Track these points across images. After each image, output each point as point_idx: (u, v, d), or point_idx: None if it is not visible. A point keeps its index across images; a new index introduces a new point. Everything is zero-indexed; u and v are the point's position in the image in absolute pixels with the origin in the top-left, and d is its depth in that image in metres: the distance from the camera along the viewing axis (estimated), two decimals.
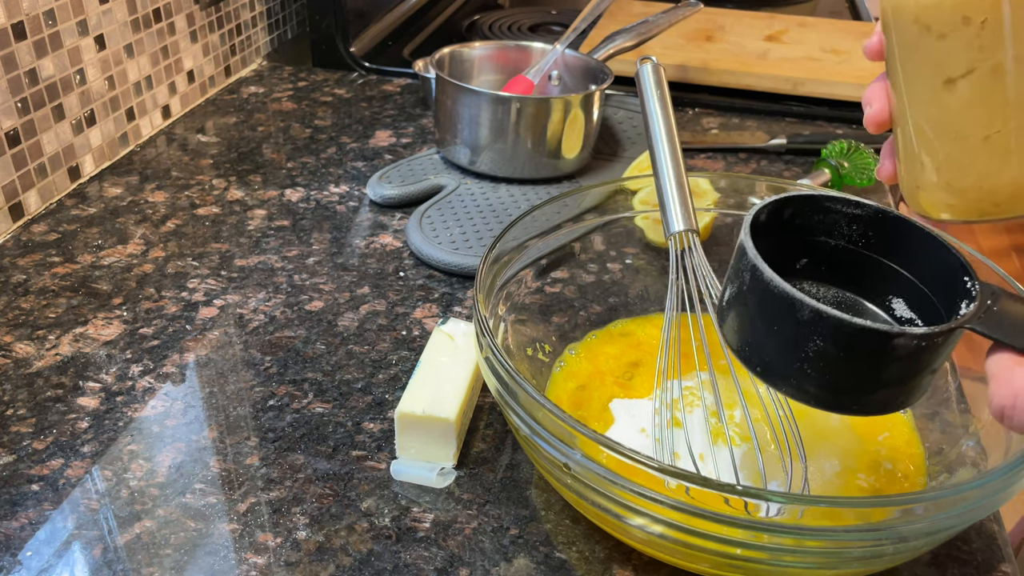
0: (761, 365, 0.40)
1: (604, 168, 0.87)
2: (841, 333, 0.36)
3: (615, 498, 0.41)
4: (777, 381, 0.40)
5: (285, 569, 0.48)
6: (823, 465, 0.51)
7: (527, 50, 0.93)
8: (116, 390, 0.59)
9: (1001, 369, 0.34)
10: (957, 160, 0.39)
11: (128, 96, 0.89)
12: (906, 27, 0.38)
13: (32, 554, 0.48)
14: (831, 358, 0.37)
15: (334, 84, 1.06)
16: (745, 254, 0.39)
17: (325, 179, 0.86)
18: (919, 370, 0.38)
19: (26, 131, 0.76)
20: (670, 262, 0.52)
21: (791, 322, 0.37)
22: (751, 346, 0.40)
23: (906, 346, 0.36)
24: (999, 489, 0.40)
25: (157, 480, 0.53)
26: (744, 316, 0.40)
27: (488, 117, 0.81)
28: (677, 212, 0.53)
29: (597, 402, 0.56)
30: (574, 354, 0.60)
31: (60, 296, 0.68)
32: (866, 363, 0.37)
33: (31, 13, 0.74)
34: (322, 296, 0.69)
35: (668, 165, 0.54)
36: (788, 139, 0.92)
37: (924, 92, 0.39)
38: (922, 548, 0.42)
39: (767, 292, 0.38)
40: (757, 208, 0.41)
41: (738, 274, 0.40)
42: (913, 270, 0.42)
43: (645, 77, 0.58)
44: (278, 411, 0.58)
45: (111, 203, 0.80)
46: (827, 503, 0.41)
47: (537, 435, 0.43)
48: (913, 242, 0.42)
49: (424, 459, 0.53)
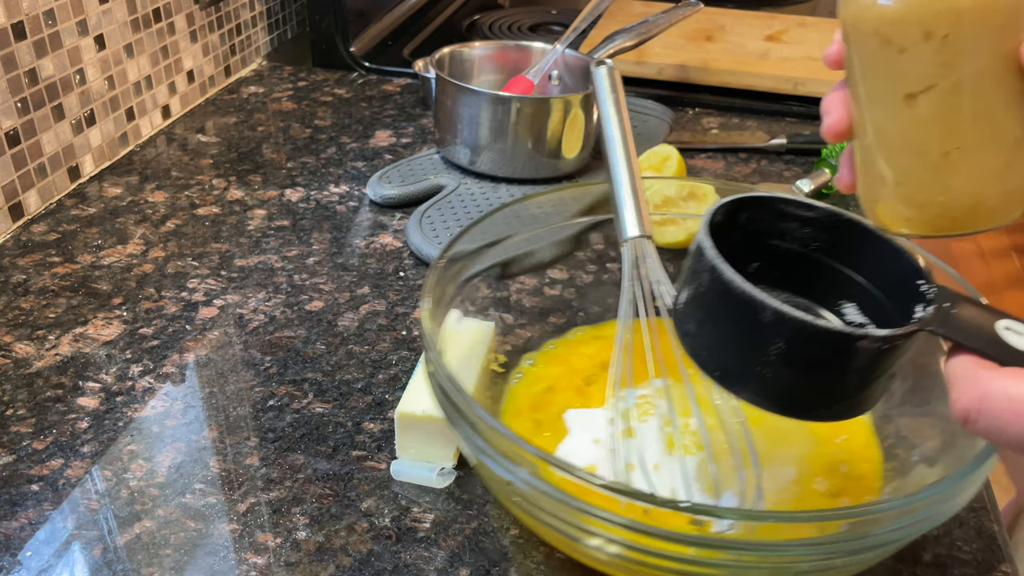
0: (720, 370, 0.39)
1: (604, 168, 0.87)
2: (804, 335, 0.35)
3: (563, 517, 0.40)
4: (736, 386, 0.39)
5: (285, 569, 0.48)
6: (779, 471, 0.50)
7: (527, 50, 0.93)
8: (116, 390, 0.59)
9: (963, 372, 0.33)
10: (916, 175, 0.38)
11: (128, 96, 0.89)
12: (866, 40, 0.37)
13: (32, 554, 0.48)
14: (792, 361, 0.36)
15: (334, 84, 1.06)
16: (703, 254, 0.38)
17: (325, 179, 0.86)
18: (879, 373, 0.37)
19: (26, 131, 0.76)
20: (623, 269, 0.51)
21: (752, 324, 0.36)
22: (709, 350, 0.39)
23: (868, 349, 0.35)
24: (945, 499, 0.39)
25: (157, 480, 0.53)
26: (702, 319, 0.39)
27: (488, 117, 0.81)
28: (631, 218, 0.51)
29: (557, 408, 0.55)
30: (531, 364, 0.60)
31: (60, 296, 0.68)
32: (828, 366, 0.36)
33: (31, 13, 0.74)
34: (322, 296, 0.69)
35: (623, 170, 0.53)
36: (788, 139, 0.92)
37: (884, 106, 0.38)
38: (873, 560, 0.42)
39: (727, 293, 0.37)
40: (713, 208, 0.40)
41: (695, 275, 0.39)
42: (866, 274, 0.41)
43: (600, 81, 0.57)
44: (278, 411, 0.58)
45: (111, 203, 0.80)
46: (774, 519, 0.40)
47: (483, 453, 0.42)
48: (867, 246, 0.41)
49: (424, 459, 0.53)
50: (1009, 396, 0.31)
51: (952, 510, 0.40)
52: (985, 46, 0.35)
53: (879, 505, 0.40)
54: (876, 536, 0.38)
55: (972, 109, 0.36)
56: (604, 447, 0.51)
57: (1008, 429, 0.31)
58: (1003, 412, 0.31)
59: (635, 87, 1.02)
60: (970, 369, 0.33)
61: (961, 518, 0.52)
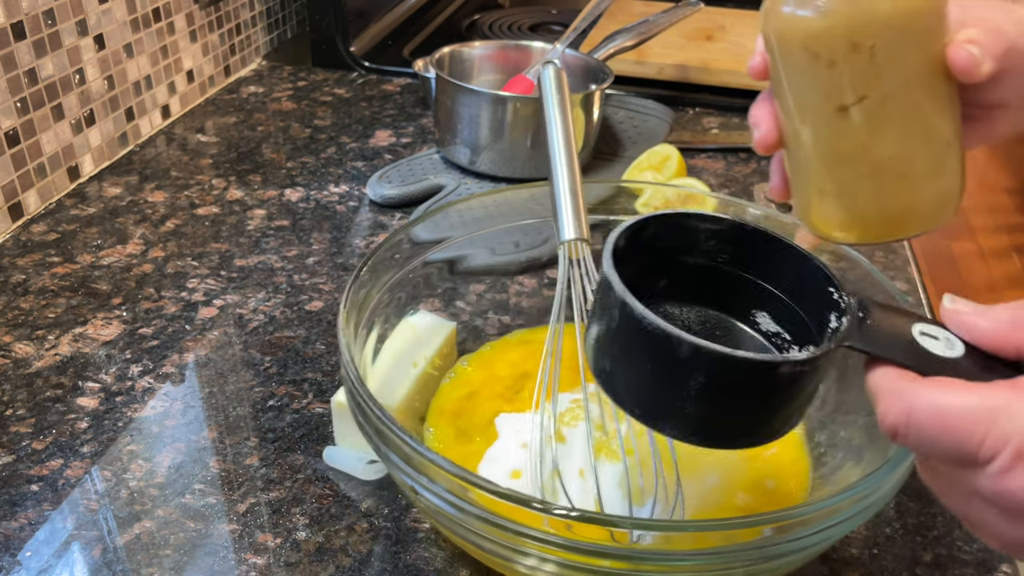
0: (639, 407, 0.38)
1: (604, 168, 0.87)
2: (723, 367, 0.34)
3: (488, 536, 0.40)
4: (657, 423, 0.38)
5: (285, 569, 0.48)
6: (704, 480, 0.50)
7: (527, 50, 0.93)
8: (116, 390, 0.59)
9: (886, 385, 0.33)
10: (850, 185, 0.38)
11: (127, 96, 0.89)
12: (793, 54, 0.37)
13: (32, 554, 0.48)
14: (713, 394, 0.35)
15: (334, 84, 1.06)
16: (611, 289, 0.36)
17: (325, 179, 0.86)
18: (800, 394, 0.36)
19: (25, 131, 0.76)
20: (559, 271, 0.51)
21: (668, 360, 0.35)
22: (626, 388, 0.38)
23: (790, 373, 0.35)
24: (844, 510, 0.39)
25: (157, 480, 0.53)
26: (616, 356, 0.37)
27: (488, 117, 0.81)
28: (569, 220, 0.51)
29: (482, 417, 0.55)
30: (466, 365, 0.59)
31: (60, 296, 0.68)
32: (750, 394, 0.35)
33: (31, 13, 0.74)
34: (322, 296, 0.69)
35: (563, 172, 0.52)
36: None
37: (815, 118, 0.38)
38: (790, 566, 0.42)
39: (639, 330, 0.35)
40: (616, 235, 0.39)
41: (605, 311, 0.37)
42: (776, 283, 0.41)
43: (546, 81, 0.56)
44: (278, 411, 0.58)
45: (111, 203, 0.80)
46: (672, 528, 0.41)
47: (391, 463, 0.42)
48: (775, 255, 0.40)
49: (361, 449, 0.53)
50: (936, 409, 0.31)
51: (857, 521, 0.40)
52: (911, 52, 0.36)
53: (783, 513, 0.40)
54: (784, 545, 0.39)
55: (904, 116, 0.37)
56: (531, 452, 0.50)
57: (938, 443, 0.31)
58: (931, 426, 0.31)
59: (635, 87, 1.02)
60: (893, 382, 0.33)
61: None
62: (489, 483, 0.39)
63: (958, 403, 0.30)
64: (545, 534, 0.38)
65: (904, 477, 0.42)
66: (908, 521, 0.52)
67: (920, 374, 0.33)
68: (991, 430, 0.29)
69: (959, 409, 0.30)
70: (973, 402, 0.30)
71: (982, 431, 0.30)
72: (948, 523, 0.52)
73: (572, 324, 0.52)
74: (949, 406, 0.31)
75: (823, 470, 0.51)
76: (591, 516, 0.39)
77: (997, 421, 0.29)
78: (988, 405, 0.30)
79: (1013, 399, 0.30)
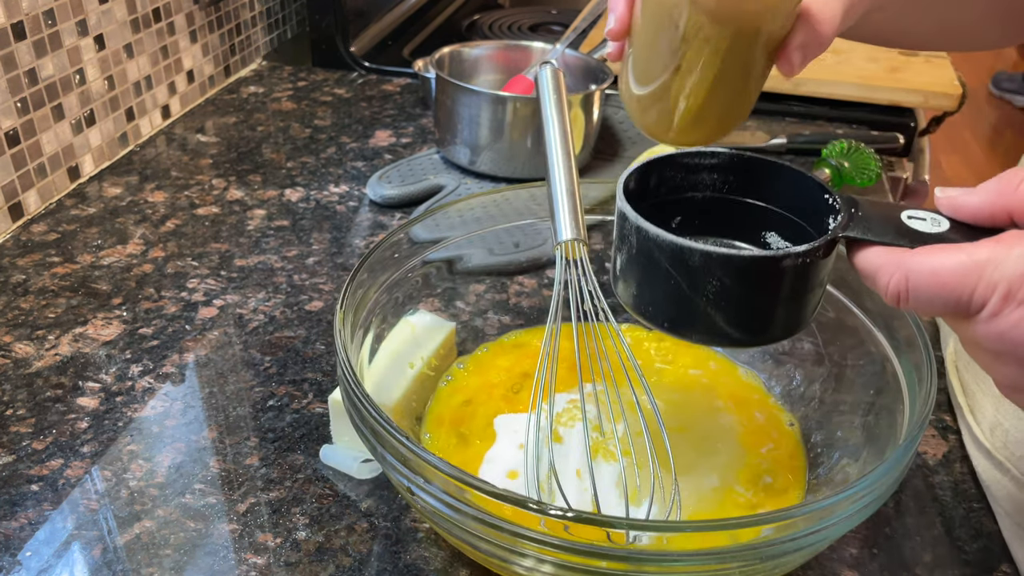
0: (667, 320, 0.41)
1: (604, 168, 0.87)
2: (733, 267, 0.38)
3: (485, 536, 0.40)
4: (685, 331, 0.41)
5: (285, 569, 0.48)
6: (702, 480, 0.50)
7: (527, 50, 0.93)
8: (116, 390, 0.59)
9: (882, 260, 0.36)
10: (658, 109, 0.46)
11: (128, 96, 0.89)
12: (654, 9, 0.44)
13: (32, 554, 0.48)
14: (730, 294, 0.39)
15: (334, 84, 1.06)
16: (626, 218, 0.40)
17: (325, 179, 0.86)
18: (810, 286, 0.40)
19: (26, 131, 0.76)
20: (556, 272, 0.51)
21: (685, 270, 0.39)
22: (653, 304, 0.42)
23: (793, 265, 0.38)
24: (830, 515, 0.40)
25: (157, 480, 0.53)
26: (640, 277, 0.41)
27: (488, 117, 0.81)
28: (566, 221, 0.51)
29: (482, 419, 0.55)
30: (462, 367, 0.59)
31: (60, 296, 0.68)
32: (762, 290, 0.39)
33: (31, 13, 0.74)
34: (322, 296, 0.69)
35: (560, 172, 0.52)
36: (788, 139, 0.92)
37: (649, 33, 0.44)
38: (789, 565, 0.42)
39: (655, 247, 0.39)
40: (624, 176, 0.43)
41: (624, 240, 0.41)
42: (779, 203, 0.44)
43: (543, 82, 0.56)
44: (278, 411, 0.58)
45: (111, 203, 0.80)
46: (668, 529, 0.42)
47: (387, 463, 0.42)
48: (773, 177, 0.44)
49: (357, 448, 0.53)
50: (931, 270, 0.34)
51: (842, 529, 0.41)
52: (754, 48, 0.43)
53: (777, 513, 0.40)
54: (781, 545, 0.39)
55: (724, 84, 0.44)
56: (527, 453, 0.50)
57: (936, 300, 0.34)
58: (928, 285, 0.34)
59: None
60: (890, 255, 0.36)
61: (961, 518, 0.52)
62: (485, 483, 0.39)
63: (948, 261, 0.34)
64: (542, 535, 0.38)
65: (902, 476, 0.42)
66: (908, 521, 0.52)
67: (909, 249, 0.36)
68: (980, 280, 0.33)
69: (950, 266, 0.33)
70: (962, 259, 0.33)
71: (972, 282, 0.33)
72: (948, 523, 0.52)
73: (569, 324, 0.52)
74: (941, 265, 0.34)
75: (820, 470, 0.51)
76: (587, 517, 0.39)
77: (984, 271, 0.33)
78: (975, 259, 0.33)
79: (998, 250, 0.33)
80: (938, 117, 1.04)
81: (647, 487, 0.47)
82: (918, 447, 0.56)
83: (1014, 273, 0.32)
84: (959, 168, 3.02)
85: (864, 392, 0.52)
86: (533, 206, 0.61)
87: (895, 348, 0.49)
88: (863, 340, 0.52)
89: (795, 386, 0.57)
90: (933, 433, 0.59)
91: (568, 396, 0.54)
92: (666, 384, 0.57)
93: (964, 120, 3.32)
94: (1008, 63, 3.88)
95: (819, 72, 1.02)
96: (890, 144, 0.93)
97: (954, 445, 0.57)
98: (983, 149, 3.17)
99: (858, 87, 0.99)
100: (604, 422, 0.51)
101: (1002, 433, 0.53)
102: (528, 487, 0.48)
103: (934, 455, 0.57)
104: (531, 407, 0.50)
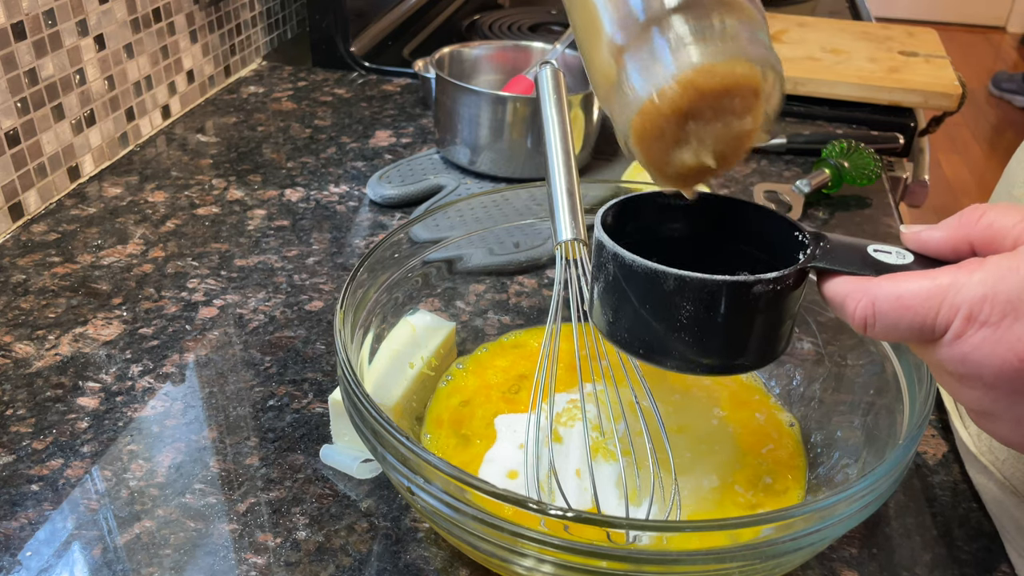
0: (643, 347, 0.42)
1: (604, 168, 0.87)
2: (707, 292, 0.39)
3: (484, 536, 0.40)
4: (660, 357, 0.42)
5: (285, 569, 0.48)
6: (701, 480, 0.50)
7: (527, 50, 0.93)
8: (116, 390, 0.59)
9: (849, 288, 0.37)
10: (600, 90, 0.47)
11: (128, 96, 0.89)
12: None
13: (32, 554, 0.48)
14: (703, 319, 0.40)
15: (334, 84, 1.06)
16: (603, 247, 0.42)
17: (325, 179, 0.86)
18: (780, 315, 0.41)
19: (26, 131, 0.76)
20: (556, 272, 0.51)
21: (659, 295, 0.40)
22: (628, 331, 0.42)
23: (764, 291, 0.39)
24: (826, 517, 0.39)
25: (157, 480, 0.53)
26: (616, 304, 0.42)
27: (488, 117, 0.81)
28: (566, 220, 0.51)
29: (481, 419, 0.55)
30: (461, 368, 0.59)
31: (60, 296, 0.68)
32: (734, 315, 0.40)
33: (31, 13, 0.74)
34: (322, 296, 0.69)
35: (560, 172, 0.52)
36: (788, 139, 0.92)
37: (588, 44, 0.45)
38: (788, 565, 0.42)
39: (632, 273, 0.40)
40: (602, 212, 0.44)
41: (601, 268, 0.42)
42: (750, 241, 0.45)
43: (543, 82, 0.56)
44: (278, 411, 0.58)
45: (111, 203, 0.80)
46: (668, 529, 0.42)
47: (387, 463, 0.42)
48: (744, 217, 0.45)
49: (357, 448, 0.53)
50: (896, 295, 0.35)
51: (838, 531, 0.40)
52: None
53: (774, 513, 0.40)
54: (780, 545, 0.39)
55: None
56: (527, 453, 0.50)
57: (901, 324, 0.35)
58: (893, 310, 0.35)
59: None
60: (854, 284, 0.37)
61: (961, 518, 0.52)
62: (485, 483, 0.39)
63: (913, 286, 0.35)
64: (542, 535, 0.38)
65: (902, 476, 0.42)
66: (907, 521, 0.52)
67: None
68: (943, 303, 0.34)
69: (914, 290, 0.35)
70: (925, 284, 0.35)
71: (936, 305, 0.34)
72: (948, 523, 0.52)
73: (569, 324, 0.52)
74: (906, 289, 0.35)
75: (820, 470, 0.51)
76: (587, 517, 0.39)
77: (947, 295, 0.34)
78: (938, 283, 0.34)
79: (959, 275, 0.34)
80: (938, 117, 1.04)
81: (647, 487, 0.48)
82: (918, 447, 0.56)
83: (975, 296, 0.33)
84: (959, 168, 3.02)
85: (864, 392, 0.52)
86: (533, 206, 0.61)
87: (895, 348, 0.49)
88: (863, 340, 0.52)
89: (795, 386, 0.57)
90: (933, 433, 0.59)
91: (568, 396, 0.54)
92: (666, 384, 0.58)
93: (964, 120, 3.33)
94: (1008, 63, 3.89)
95: (819, 72, 1.02)
96: (890, 144, 0.93)
97: (954, 445, 0.57)
98: (983, 149, 3.17)
99: (858, 87, 1.00)
100: (604, 422, 0.51)
101: (987, 437, 0.53)
102: (528, 487, 0.48)
103: (934, 455, 0.57)
104: (531, 407, 0.50)
